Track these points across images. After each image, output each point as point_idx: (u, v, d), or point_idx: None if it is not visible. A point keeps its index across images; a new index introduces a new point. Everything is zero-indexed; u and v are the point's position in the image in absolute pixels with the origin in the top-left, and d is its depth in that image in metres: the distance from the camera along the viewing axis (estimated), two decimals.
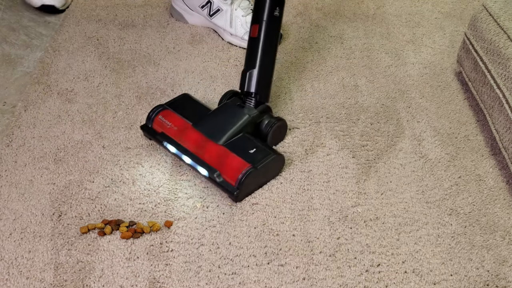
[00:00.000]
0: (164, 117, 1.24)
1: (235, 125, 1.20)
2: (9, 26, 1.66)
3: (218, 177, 1.15)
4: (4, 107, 1.39)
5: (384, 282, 1.03)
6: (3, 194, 1.17)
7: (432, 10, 1.80)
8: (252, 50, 1.24)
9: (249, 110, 1.22)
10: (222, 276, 1.03)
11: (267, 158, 1.16)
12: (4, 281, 1.01)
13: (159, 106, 1.26)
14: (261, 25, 1.22)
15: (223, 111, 1.24)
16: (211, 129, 1.20)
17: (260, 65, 1.23)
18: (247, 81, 1.24)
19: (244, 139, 1.19)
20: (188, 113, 1.25)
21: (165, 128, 1.23)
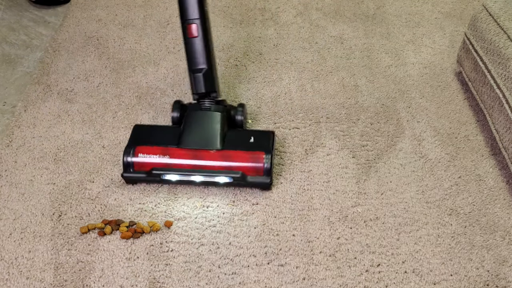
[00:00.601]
0: (144, 153, 1.16)
1: (218, 127, 1.19)
2: (9, 26, 1.66)
3: (245, 177, 1.14)
4: (4, 107, 1.39)
5: (384, 282, 1.03)
6: (3, 194, 1.17)
7: (432, 10, 1.80)
8: (198, 50, 1.20)
9: (217, 109, 1.21)
10: (222, 276, 1.03)
11: (268, 139, 1.20)
12: (4, 281, 1.01)
13: (127, 148, 1.17)
14: (199, 24, 1.19)
15: (196, 120, 1.20)
16: (200, 140, 1.17)
17: (211, 64, 1.22)
18: (205, 82, 1.21)
19: (235, 134, 1.20)
20: (161, 138, 1.20)
21: (152, 164, 1.15)
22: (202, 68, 1.20)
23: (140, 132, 1.22)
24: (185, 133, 1.19)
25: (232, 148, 1.17)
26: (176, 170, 1.15)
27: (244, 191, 1.19)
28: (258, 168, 1.15)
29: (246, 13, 1.75)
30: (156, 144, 1.17)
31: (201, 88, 1.21)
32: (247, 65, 1.54)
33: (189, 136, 1.18)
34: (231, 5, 1.78)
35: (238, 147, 1.17)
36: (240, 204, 1.16)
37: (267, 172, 1.15)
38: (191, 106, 1.24)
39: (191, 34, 1.19)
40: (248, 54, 1.58)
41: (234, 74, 1.51)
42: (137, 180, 1.18)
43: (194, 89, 1.22)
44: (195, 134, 1.18)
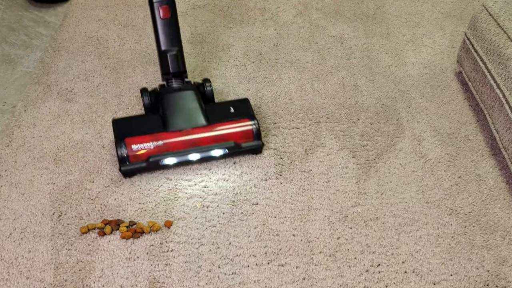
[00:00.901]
0: (137, 143, 1.17)
1: (198, 104, 1.23)
2: (9, 26, 1.66)
3: (238, 144, 1.20)
4: (4, 107, 1.39)
5: (384, 282, 1.03)
6: (3, 194, 1.17)
7: (432, 10, 1.80)
8: (168, 31, 1.24)
9: (189, 87, 1.26)
10: (222, 276, 1.03)
11: (247, 105, 1.27)
12: (4, 281, 1.01)
13: (117, 142, 1.18)
14: (171, 6, 1.24)
15: (174, 102, 1.23)
16: (186, 120, 1.21)
17: (180, 45, 1.26)
18: (176, 62, 1.25)
19: (214, 107, 1.26)
20: (144, 126, 1.21)
21: (147, 152, 1.17)
22: (174, 49, 1.25)
23: (122, 125, 1.23)
24: (168, 116, 1.21)
25: (218, 121, 1.21)
26: (172, 153, 1.18)
27: (244, 191, 1.19)
28: (248, 133, 1.21)
29: (246, 13, 1.75)
30: (143, 133, 1.19)
31: (175, 67, 1.25)
32: (247, 65, 1.54)
33: (173, 119, 1.21)
34: (231, 5, 1.78)
35: (223, 118, 1.22)
36: (240, 204, 1.16)
37: (257, 135, 1.22)
38: (163, 89, 1.26)
39: (165, 15, 1.23)
40: (248, 54, 1.58)
41: (234, 74, 1.51)
42: (136, 172, 1.19)
43: (169, 69, 1.25)
44: (178, 116, 1.21)
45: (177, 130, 1.19)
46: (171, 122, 1.20)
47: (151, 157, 1.17)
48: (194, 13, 1.74)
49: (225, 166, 1.24)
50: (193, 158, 1.19)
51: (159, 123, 1.21)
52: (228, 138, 1.20)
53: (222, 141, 1.20)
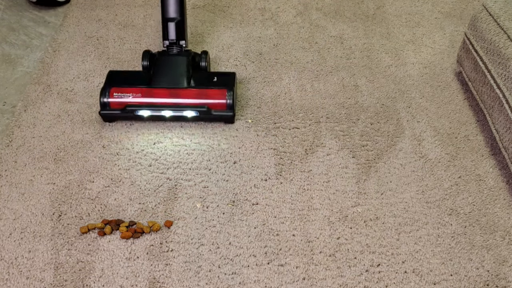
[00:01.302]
0: (119, 93, 1.29)
1: (185, 69, 1.32)
2: (9, 26, 1.66)
3: (209, 110, 1.28)
4: (4, 107, 1.39)
5: (384, 282, 1.03)
6: (3, 194, 1.17)
7: (432, 10, 1.80)
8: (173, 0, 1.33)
9: (183, 54, 1.35)
10: (222, 276, 1.03)
11: (230, 78, 1.34)
12: (4, 281, 1.01)
13: (102, 89, 1.29)
14: None
15: (165, 64, 1.33)
16: (169, 80, 1.30)
17: (183, 15, 1.34)
18: (176, 30, 1.34)
19: (200, 75, 1.34)
20: (133, 80, 1.32)
21: (126, 101, 1.28)
22: (175, 17, 1.33)
23: (114, 76, 1.34)
24: (155, 75, 1.32)
25: (198, 86, 1.31)
26: (148, 106, 1.28)
27: (244, 191, 1.19)
28: (222, 103, 1.29)
29: (246, 13, 1.75)
30: (129, 85, 1.30)
31: (172, 35, 1.34)
32: (247, 65, 1.54)
33: (158, 77, 1.31)
34: (231, 5, 1.78)
35: (203, 85, 1.31)
36: (240, 204, 1.16)
37: (230, 106, 1.29)
38: (160, 52, 1.36)
39: None
40: (248, 54, 1.58)
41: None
42: (113, 117, 1.31)
43: (166, 36, 1.35)
44: (164, 75, 1.31)
45: (158, 87, 1.29)
46: (155, 80, 1.30)
47: (128, 106, 1.28)
48: (194, 13, 1.74)
49: (225, 166, 1.24)
50: (166, 115, 1.29)
51: (147, 80, 1.31)
52: (202, 103, 1.28)
53: (196, 104, 1.28)
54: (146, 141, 1.30)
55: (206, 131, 1.33)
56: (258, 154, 1.28)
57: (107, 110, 1.29)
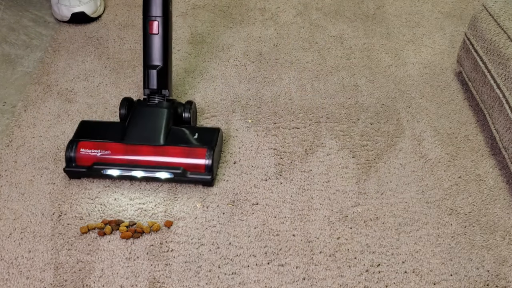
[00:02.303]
0: (86, 148, 1.17)
1: (163, 123, 1.20)
2: (9, 26, 1.66)
3: (185, 172, 1.15)
4: (4, 107, 1.39)
5: (384, 282, 1.03)
6: (3, 194, 1.17)
7: (432, 10, 1.80)
8: (156, 47, 1.23)
9: (164, 105, 1.23)
10: (222, 276, 1.03)
11: (214, 135, 1.21)
12: (4, 281, 1.01)
13: (70, 143, 1.18)
14: (161, 22, 1.22)
15: (142, 116, 1.21)
16: (143, 136, 1.18)
17: (167, 62, 1.24)
18: (158, 79, 1.23)
19: (179, 131, 1.21)
20: (104, 134, 1.20)
21: (94, 158, 1.16)
22: (157, 65, 1.23)
23: (85, 128, 1.23)
24: (129, 128, 1.19)
25: (175, 143, 1.17)
26: (117, 165, 1.16)
27: (244, 191, 1.19)
28: (199, 164, 1.15)
29: (246, 13, 1.75)
30: (99, 139, 1.18)
31: (153, 84, 1.23)
32: (247, 65, 1.54)
33: (132, 132, 1.19)
34: (231, 5, 1.78)
35: (181, 143, 1.18)
36: (240, 204, 1.16)
37: (208, 168, 1.15)
38: (139, 102, 1.25)
39: (152, 30, 1.22)
40: (248, 54, 1.58)
41: (234, 74, 1.51)
42: (79, 175, 1.19)
43: (146, 85, 1.24)
44: (138, 130, 1.19)
45: (131, 143, 1.17)
46: (128, 134, 1.18)
47: (95, 164, 1.16)
48: (194, 13, 1.74)
49: (225, 167, 1.24)
50: (137, 175, 1.16)
51: (121, 133, 1.19)
52: (177, 163, 1.15)
53: (171, 165, 1.15)
54: None
55: None
56: (258, 154, 1.28)
57: (73, 167, 1.17)
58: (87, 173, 1.17)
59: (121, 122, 1.24)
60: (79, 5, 1.61)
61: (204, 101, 1.42)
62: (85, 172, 1.17)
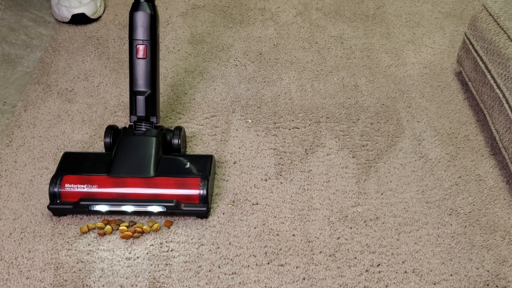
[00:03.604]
0: (71, 183, 1.09)
1: (152, 153, 1.13)
2: (9, 26, 1.66)
3: (179, 205, 1.09)
4: (4, 107, 1.39)
5: (384, 282, 1.03)
6: (3, 194, 1.17)
7: (432, 10, 1.80)
8: (144, 72, 1.16)
9: (152, 133, 1.15)
10: (222, 276, 1.03)
11: (207, 163, 1.14)
12: (4, 281, 1.01)
13: (53, 177, 1.10)
14: (148, 46, 1.15)
15: (128, 146, 1.14)
16: (132, 167, 1.11)
17: (155, 88, 1.17)
18: (146, 106, 1.16)
19: (169, 160, 1.14)
20: (90, 166, 1.13)
21: (81, 194, 1.09)
22: (145, 91, 1.16)
23: (69, 160, 1.15)
24: (115, 160, 1.12)
25: (166, 174, 1.11)
26: (105, 200, 1.09)
27: (244, 191, 1.19)
28: (193, 195, 1.09)
29: (246, 13, 1.75)
30: (85, 172, 1.11)
31: (141, 111, 1.16)
32: (247, 65, 1.54)
33: (119, 163, 1.11)
34: (231, 5, 1.78)
35: (172, 173, 1.11)
36: (240, 204, 1.16)
37: (203, 199, 1.09)
38: (125, 131, 1.17)
39: (139, 55, 1.15)
40: (248, 54, 1.58)
41: (234, 74, 1.51)
42: (65, 212, 1.11)
43: (134, 111, 1.16)
44: (126, 161, 1.12)
45: (119, 176, 1.10)
46: (115, 167, 1.11)
47: (82, 200, 1.09)
48: (194, 13, 1.74)
49: (225, 167, 1.24)
50: (128, 210, 1.10)
51: (108, 165, 1.12)
52: (170, 195, 1.09)
53: (163, 198, 1.09)
54: None
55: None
56: (258, 154, 1.28)
57: (58, 204, 1.09)
58: (74, 210, 1.10)
59: (107, 153, 1.17)
60: (79, 7, 1.61)
61: (204, 101, 1.42)
62: (72, 209, 1.09)
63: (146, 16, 1.14)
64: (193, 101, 1.42)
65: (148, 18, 1.15)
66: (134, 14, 1.14)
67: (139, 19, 1.14)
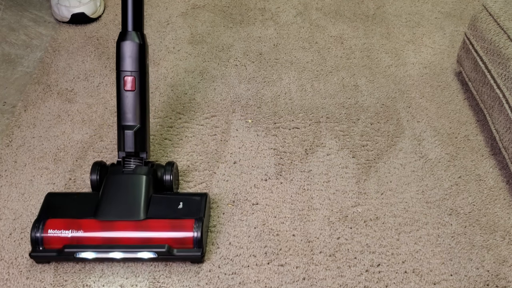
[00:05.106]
0: (55, 228, 1.01)
1: (142, 193, 1.04)
2: (9, 26, 1.66)
3: (171, 250, 1.01)
4: (4, 107, 1.39)
5: (384, 282, 1.03)
6: (3, 194, 1.17)
7: (432, 10, 1.80)
8: (132, 105, 1.08)
9: (141, 170, 1.07)
10: (222, 276, 1.03)
11: (201, 203, 1.06)
12: (4, 281, 1.01)
13: (36, 221, 1.01)
14: (137, 77, 1.08)
15: (116, 186, 1.06)
16: (119, 210, 1.03)
17: (144, 121, 1.09)
18: (135, 141, 1.08)
19: (160, 200, 1.06)
20: (75, 209, 1.05)
21: (65, 240, 1.00)
22: (134, 125, 1.08)
23: (53, 202, 1.07)
24: (103, 201, 1.04)
25: (157, 216, 1.02)
26: (91, 246, 1.00)
27: (244, 191, 1.19)
28: (187, 239, 1.01)
29: (246, 13, 1.75)
30: (70, 215, 1.03)
31: (130, 147, 1.07)
32: (247, 65, 1.54)
33: (107, 205, 1.03)
34: (231, 5, 1.78)
35: (164, 215, 1.03)
36: (240, 204, 1.16)
37: (198, 243, 1.01)
38: (112, 168, 1.09)
39: (127, 87, 1.08)
40: (248, 54, 1.58)
41: (234, 74, 1.51)
42: (48, 259, 1.03)
43: (122, 147, 1.08)
44: (114, 203, 1.03)
45: (106, 219, 1.01)
46: (102, 209, 1.02)
47: (67, 246, 1.00)
48: (194, 13, 1.74)
49: (225, 167, 1.24)
50: (116, 257, 1.01)
51: (94, 206, 1.04)
52: (161, 240, 1.01)
53: (154, 242, 1.01)
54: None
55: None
56: (258, 154, 1.28)
57: (40, 251, 1.00)
58: (58, 258, 1.02)
59: (94, 193, 1.09)
60: (79, 6, 1.62)
61: (204, 101, 1.42)
62: (55, 256, 1.01)
63: (134, 46, 1.07)
64: (193, 101, 1.42)
65: (137, 48, 1.07)
66: (121, 44, 1.07)
67: (126, 49, 1.07)
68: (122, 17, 1.09)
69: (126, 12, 1.08)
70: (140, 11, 1.09)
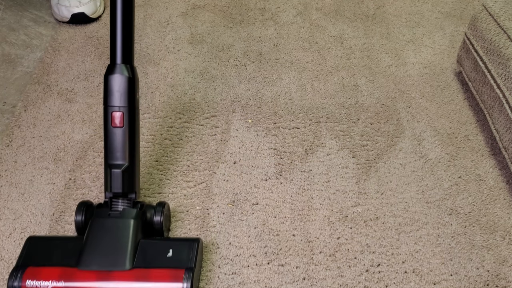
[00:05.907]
0: (34, 279, 0.92)
1: (128, 240, 0.96)
2: (9, 26, 1.66)
3: None
4: (4, 107, 1.39)
5: (384, 282, 1.03)
6: (3, 194, 1.17)
7: (432, 10, 1.80)
8: (120, 142, 1.01)
9: (129, 214, 0.99)
10: (222, 276, 1.03)
11: (192, 251, 0.98)
12: (4, 281, 1.01)
13: (14, 270, 0.93)
14: (126, 113, 1.01)
15: (102, 231, 0.98)
16: (104, 259, 0.95)
17: (133, 160, 1.02)
18: (123, 181, 1.00)
19: (149, 246, 0.98)
20: (57, 255, 0.97)
21: None
22: (122, 164, 1.00)
23: (33, 248, 0.98)
24: (86, 249, 0.95)
25: (144, 265, 0.95)
26: None
27: (244, 191, 1.19)
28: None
29: (246, 13, 1.75)
30: (51, 263, 0.95)
31: (118, 187, 1.00)
32: (247, 65, 1.54)
33: (90, 254, 0.95)
34: (231, 5, 1.78)
35: (152, 263, 0.95)
36: (240, 204, 1.16)
37: None
38: (98, 211, 1.01)
39: (115, 123, 1.00)
40: (248, 54, 1.58)
41: (234, 74, 1.51)
42: None
43: (109, 187, 1.00)
44: (98, 251, 0.95)
45: (90, 269, 0.93)
46: (85, 258, 0.94)
47: None
48: (194, 13, 1.74)
49: (225, 167, 1.24)
50: None
51: (78, 254, 0.96)
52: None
53: None
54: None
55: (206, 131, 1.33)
56: (258, 154, 1.28)
57: None
58: None
59: (78, 237, 1.00)
60: (79, 6, 1.62)
61: (204, 101, 1.42)
62: None
63: (123, 79, 1.01)
64: (193, 101, 1.42)
65: (126, 82, 1.01)
66: (109, 78, 1.01)
67: (115, 83, 1.01)
68: (111, 49, 1.02)
69: (114, 44, 1.02)
70: (130, 42, 1.04)
